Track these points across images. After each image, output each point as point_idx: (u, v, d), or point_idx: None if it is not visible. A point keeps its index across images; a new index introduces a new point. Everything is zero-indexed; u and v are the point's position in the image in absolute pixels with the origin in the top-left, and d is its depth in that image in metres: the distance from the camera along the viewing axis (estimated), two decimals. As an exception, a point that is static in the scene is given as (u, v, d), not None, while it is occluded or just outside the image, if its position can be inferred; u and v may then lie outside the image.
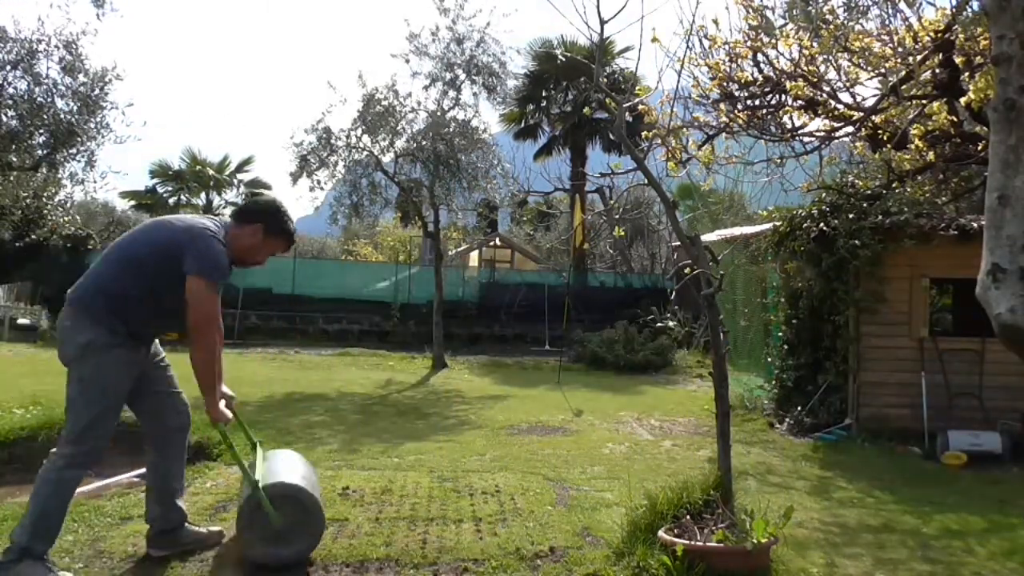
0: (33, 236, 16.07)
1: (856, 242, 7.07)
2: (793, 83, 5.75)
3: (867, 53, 5.59)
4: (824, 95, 5.88)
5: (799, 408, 7.50)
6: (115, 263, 3.26)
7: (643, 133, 6.21)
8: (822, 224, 7.33)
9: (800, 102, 5.98)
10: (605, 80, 17.24)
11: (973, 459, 6.27)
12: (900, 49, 5.41)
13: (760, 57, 5.87)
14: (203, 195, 24.06)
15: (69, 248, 17.13)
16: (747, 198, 17.37)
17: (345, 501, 4.31)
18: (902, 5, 5.47)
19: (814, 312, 7.59)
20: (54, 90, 11.42)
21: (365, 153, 12.71)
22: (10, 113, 11.31)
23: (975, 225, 6.85)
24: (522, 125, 21.52)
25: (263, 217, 3.47)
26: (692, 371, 12.72)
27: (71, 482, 3.19)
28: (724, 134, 6.23)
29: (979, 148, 5.72)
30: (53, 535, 3.13)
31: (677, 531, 3.36)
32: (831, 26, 5.39)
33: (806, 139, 6.43)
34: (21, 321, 14.88)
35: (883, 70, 5.63)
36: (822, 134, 6.30)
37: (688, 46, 5.40)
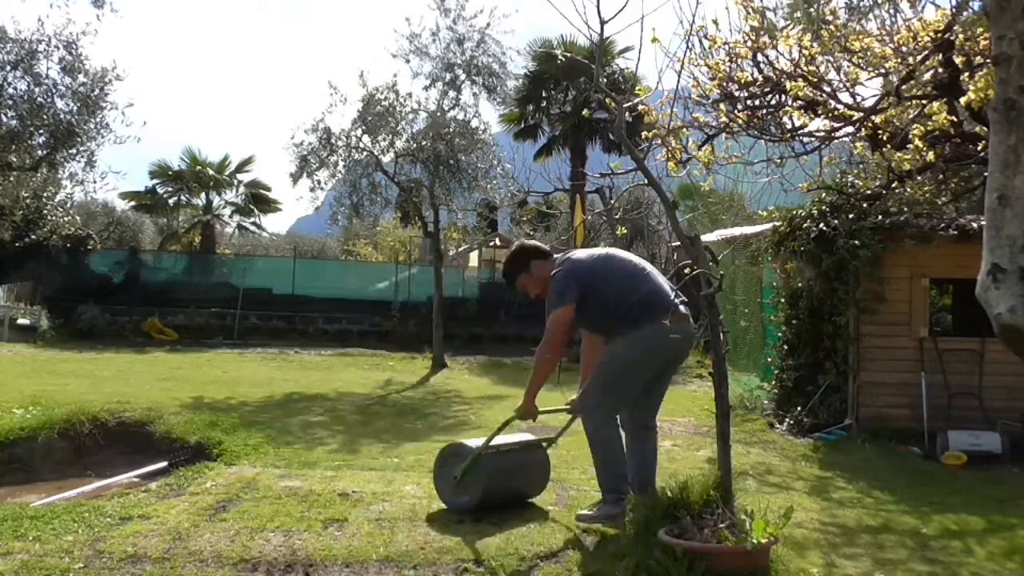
0: (33, 236, 16.05)
1: (856, 242, 7.07)
2: (793, 83, 5.74)
3: (867, 53, 5.58)
4: (824, 95, 5.87)
5: (799, 408, 7.50)
6: None
7: (643, 133, 6.20)
8: (822, 224, 7.33)
9: (800, 102, 5.97)
10: (605, 80, 17.25)
11: (973, 459, 6.27)
12: (902, 49, 5.40)
13: (760, 57, 5.86)
14: (203, 195, 24.03)
15: (69, 248, 17.12)
16: (747, 198, 17.38)
17: (345, 501, 4.31)
18: (903, 5, 5.47)
19: (814, 312, 7.59)
20: (54, 90, 11.40)
21: (365, 153, 12.72)
22: (10, 113, 11.29)
23: (975, 225, 6.85)
24: (522, 125, 21.51)
25: None
26: (692, 371, 12.71)
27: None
28: (724, 134, 6.21)
29: (979, 148, 5.71)
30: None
31: (677, 531, 3.36)
32: (831, 27, 5.38)
33: (806, 139, 6.41)
34: (21, 321, 14.87)
35: (883, 70, 5.62)
36: (822, 134, 6.29)
37: (688, 46, 5.38)
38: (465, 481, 4.07)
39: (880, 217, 7.19)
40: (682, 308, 3.94)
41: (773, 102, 6.09)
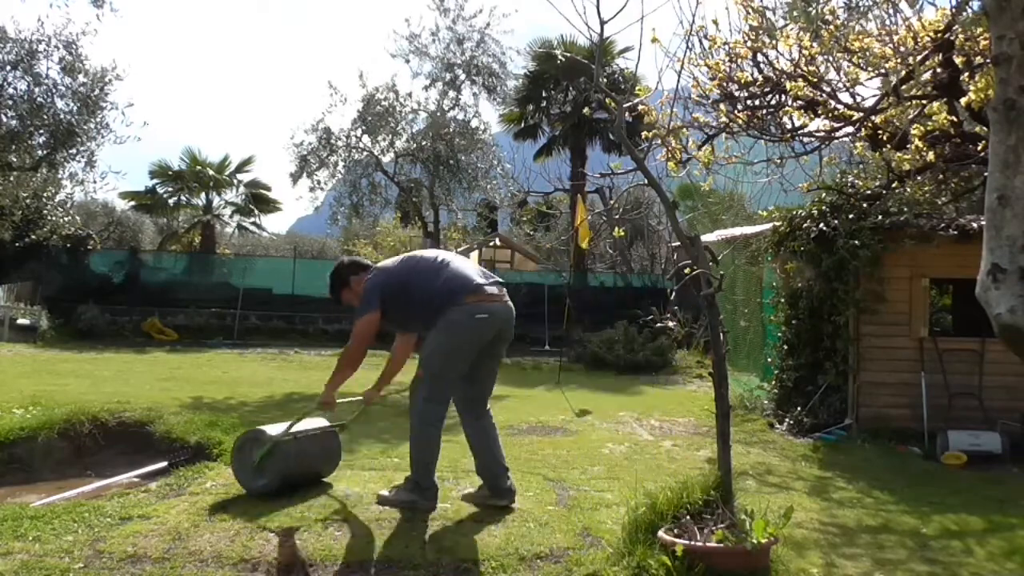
0: (33, 236, 16.06)
1: (856, 242, 7.07)
2: (793, 83, 5.75)
3: (867, 53, 5.58)
4: (824, 95, 5.87)
5: (799, 408, 7.50)
6: None
7: (643, 133, 6.20)
8: (822, 224, 7.34)
9: (800, 102, 5.98)
10: (605, 80, 17.25)
11: (973, 459, 6.27)
12: (901, 49, 5.40)
13: (760, 57, 5.87)
14: (203, 195, 24.02)
15: (69, 248, 17.12)
16: (747, 198, 17.39)
17: (345, 501, 4.31)
18: (903, 5, 5.47)
19: (814, 312, 7.59)
20: (54, 90, 11.41)
21: (365, 153, 12.72)
22: (10, 113, 11.30)
23: (975, 225, 6.86)
24: (522, 125, 21.51)
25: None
26: (692, 371, 12.72)
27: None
28: (724, 134, 6.22)
29: (979, 148, 5.71)
30: None
31: (677, 531, 3.36)
32: (831, 27, 5.39)
33: (806, 139, 6.42)
34: (21, 321, 14.86)
35: (883, 70, 5.63)
36: (822, 134, 6.29)
37: (688, 46, 5.39)
38: (263, 465, 4.25)
39: (880, 217, 7.19)
40: (490, 288, 4.09)
41: (773, 102, 6.09)
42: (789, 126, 6.21)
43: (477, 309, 4.02)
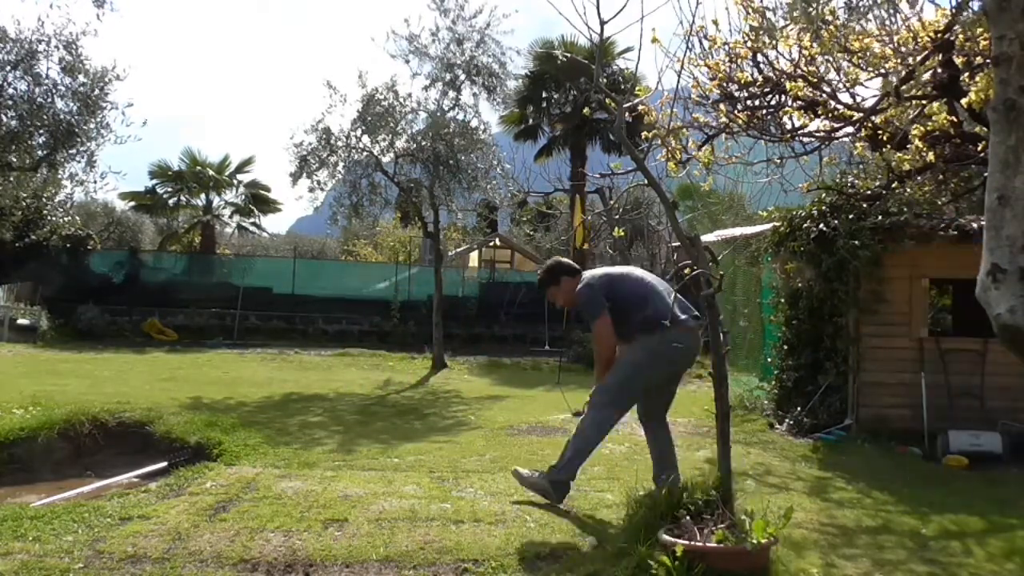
0: (33, 236, 16.07)
1: (856, 242, 7.07)
2: (793, 83, 5.75)
3: (867, 53, 5.58)
4: (824, 95, 5.87)
5: (799, 408, 7.49)
6: None
7: (643, 133, 6.21)
8: (822, 224, 7.33)
9: (800, 102, 5.98)
10: (605, 80, 17.26)
11: (973, 459, 6.27)
12: (902, 49, 5.40)
13: (760, 58, 5.87)
14: (203, 195, 24.03)
15: (69, 248, 17.14)
16: (747, 198, 17.39)
17: (345, 501, 4.31)
18: (903, 5, 5.47)
19: (814, 313, 7.59)
20: (54, 90, 11.38)
21: (365, 153, 12.71)
22: (10, 113, 11.28)
23: (975, 225, 6.86)
24: (522, 126, 21.53)
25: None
26: (692, 371, 12.72)
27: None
28: (724, 134, 6.22)
29: (979, 148, 5.72)
30: None
31: (677, 531, 3.36)
32: (831, 27, 5.39)
33: (806, 139, 6.42)
34: (21, 321, 14.87)
35: (883, 70, 5.63)
36: (822, 134, 6.29)
37: (688, 47, 5.39)
38: None
39: (880, 217, 7.19)
40: (689, 322, 4.38)
41: (773, 102, 6.10)
42: (789, 126, 6.21)
43: (675, 338, 4.33)
